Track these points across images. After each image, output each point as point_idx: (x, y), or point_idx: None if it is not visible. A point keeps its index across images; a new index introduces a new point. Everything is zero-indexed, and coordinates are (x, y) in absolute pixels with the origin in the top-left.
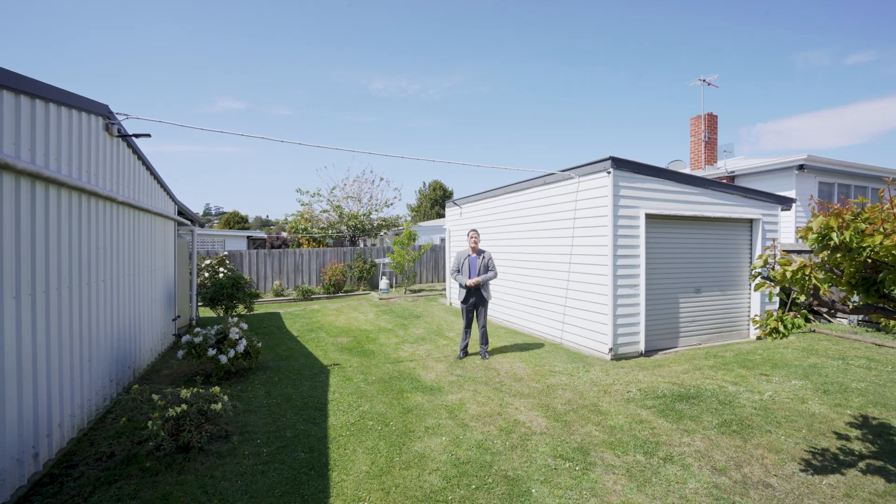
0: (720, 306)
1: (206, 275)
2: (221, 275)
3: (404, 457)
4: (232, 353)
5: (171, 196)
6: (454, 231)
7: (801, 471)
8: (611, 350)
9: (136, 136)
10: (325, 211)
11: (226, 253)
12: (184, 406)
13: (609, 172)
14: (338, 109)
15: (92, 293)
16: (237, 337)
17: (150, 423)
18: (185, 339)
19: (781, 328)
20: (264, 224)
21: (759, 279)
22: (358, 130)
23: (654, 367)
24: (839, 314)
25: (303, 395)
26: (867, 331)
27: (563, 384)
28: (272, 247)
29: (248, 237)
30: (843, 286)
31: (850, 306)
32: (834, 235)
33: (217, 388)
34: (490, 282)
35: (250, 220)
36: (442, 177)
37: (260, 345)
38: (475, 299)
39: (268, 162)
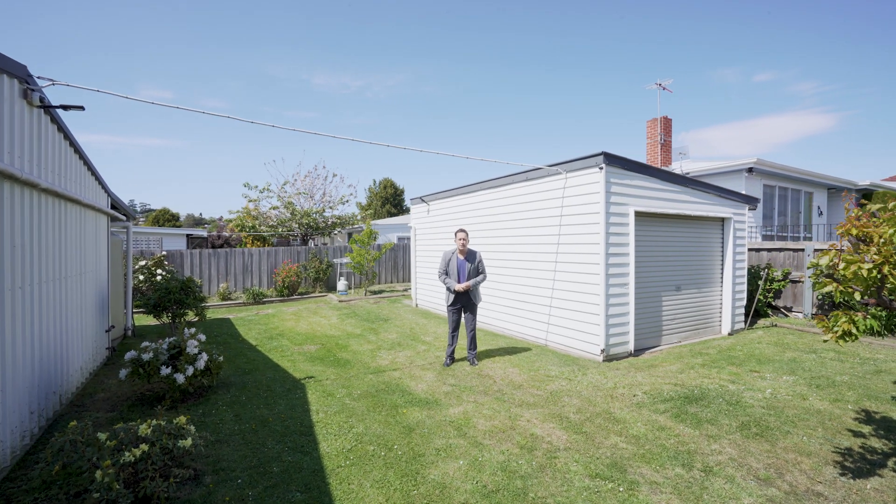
0: (697, 303)
1: (141, 277)
2: (159, 277)
3: (422, 489)
4: (190, 370)
5: (103, 186)
6: (420, 229)
7: (841, 475)
8: (603, 351)
9: (66, 107)
10: (274, 207)
11: (164, 253)
12: (143, 447)
13: (601, 168)
14: (277, 104)
15: (7, 304)
16: (196, 351)
17: (98, 473)
18: (129, 355)
19: (854, 330)
20: (198, 222)
21: (821, 278)
22: (299, 125)
23: (648, 368)
24: (794, 310)
25: (281, 417)
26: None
27: (566, 390)
28: (213, 246)
29: (187, 235)
30: None
31: None
32: None
33: (183, 419)
34: (479, 284)
35: (182, 218)
36: (393, 175)
37: (221, 359)
38: (463, 303)
39: (201, 156)
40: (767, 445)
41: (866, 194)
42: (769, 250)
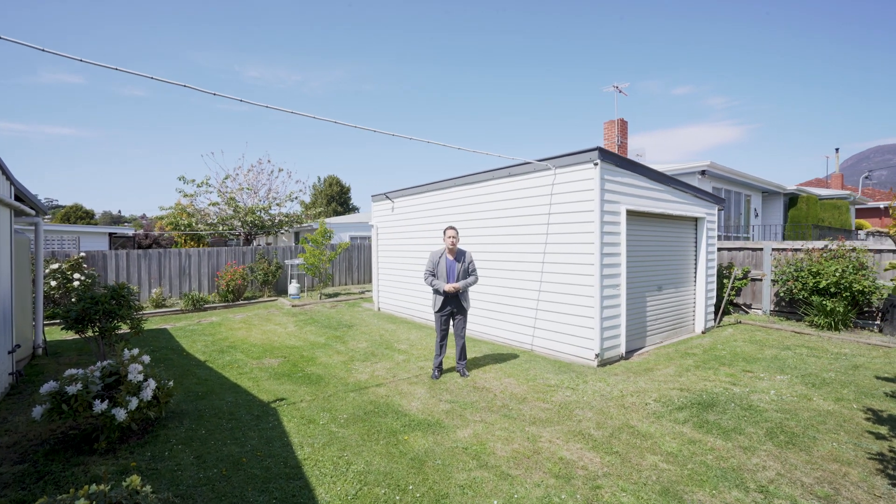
0: (675, 303)
1: (54, 283)
2: (77, 283)
3: None
4: (134, 402)
5: (4, 172)
6: (384, 228)
7: (892, 486)
8: (597, 356)
9: None
10: (214, 204)
11: (82, 254)
12: None
13: (596, 164)
14: (204, 95)
15: None
16: (141, 378)
17: None
18: (47, 387)
19: None
20: (116, 220)
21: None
22: (231, 118)
23: (644, 372)
24: (753, 306)
25: (257, 456)
26: (780, 320)
27: (574, 401)
28: (140, 246)
29: (110, 234)
30: None
31: None
32: None
33: (137, 479)
34: (469, 288)
35: (97, 216)
36: (336, 173)
37: (171, 384)
38: (452, 307)
39: (117, 149)
40: (805, 455)
41: (793, 198)
42: (730, 249)
